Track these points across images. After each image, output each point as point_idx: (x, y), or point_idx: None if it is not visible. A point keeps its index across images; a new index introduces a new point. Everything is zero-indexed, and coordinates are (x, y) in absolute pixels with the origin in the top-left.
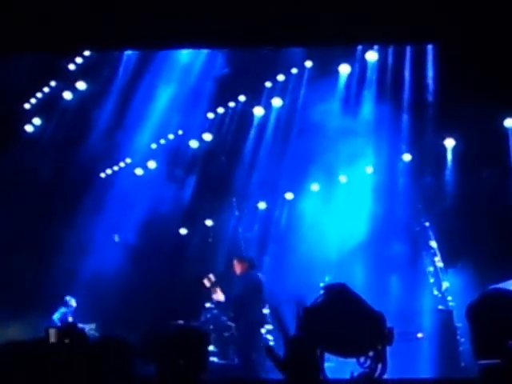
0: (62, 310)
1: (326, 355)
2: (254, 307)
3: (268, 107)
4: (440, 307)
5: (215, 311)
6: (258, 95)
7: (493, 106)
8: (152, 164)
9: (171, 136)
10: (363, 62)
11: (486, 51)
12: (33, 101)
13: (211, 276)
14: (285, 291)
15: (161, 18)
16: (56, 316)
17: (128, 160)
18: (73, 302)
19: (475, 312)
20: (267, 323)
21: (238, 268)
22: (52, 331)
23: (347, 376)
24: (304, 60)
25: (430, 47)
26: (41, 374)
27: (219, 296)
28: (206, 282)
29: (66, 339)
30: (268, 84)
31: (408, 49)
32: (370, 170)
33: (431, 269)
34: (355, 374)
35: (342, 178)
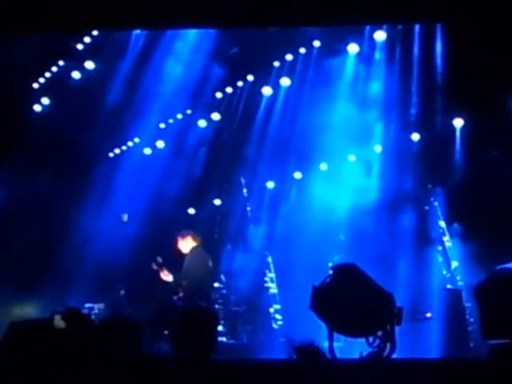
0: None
1: (335, 335)
2: (205, 283)
3: (276, 87)
4: (449, 286)
5: (224, 291)
6: (266, 75)
7: (502, 86)
8: (160, 143)
9: (180, 116)
10: (372, 41)
11: (496, 31)
12: (41, 80)
13: (159, 258)
14: (294, 271)
15: None
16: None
17: (136, 139)
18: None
19: (483, 292)
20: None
21: (183, 245)
22: (57, 318)
23: (356, 355)
24: (312, 40)
25: (438, 26)
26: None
27: (168, 277)
28: (154, 266)
29: (70, 324)
30: (276, 63)
31: (417, 28)
32: (378, 148)
33: (440, 248)
34: (364, 353)
35: (351, 157)
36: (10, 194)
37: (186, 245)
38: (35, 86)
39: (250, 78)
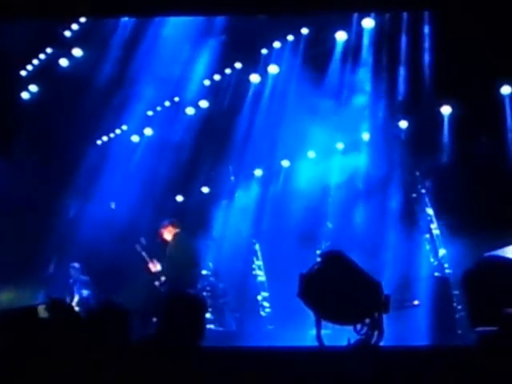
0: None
1: (323, 323)
2: (186, 269)
3: (264, 74)
4: (436, 274)
5: (212, 278)
6: (254, 62)
7: (489, 73)
8: (148, 131)
9: (167, 103)
10: (359, 28)
11: (483, 18)
12: (29, 68)
13: (142, 240)
14: (282, 259)
15: None
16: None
17: (124, 127)
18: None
19: (471, 279)
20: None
21: (166, 234)
22: (41, 308)
23: (344, 343)
24: (300, 27)
25: (426, 13)
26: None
27: (157, 267)
28: (138, 247)
29: (54, 315)
30: (264, 51)
31: (404, 15)
32: (366, 136)
33: (427, 236)
34: (352, 340)
35: (339, 145)
36: None
37: (169, 233)
38: (23, 73)
39: (238, 65)
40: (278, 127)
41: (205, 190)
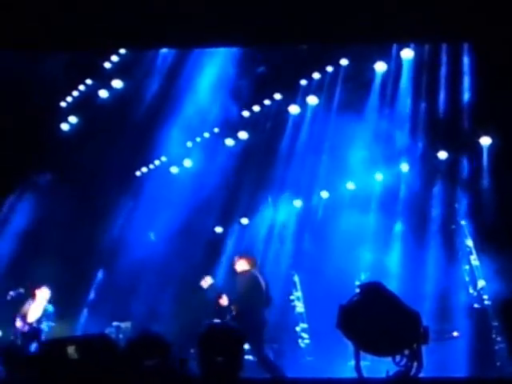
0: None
1: (362, 354)
2: (255, 307)
3: (303, 105)
4: (475, 306)
5: None
6: (293, 93)
7: None
8: (188, 162)
9: (207, 134)
10: (399, 59)
11: None
12: (69, 99)
13: (208, 278)
14: (321, 290)
15: (191, 18)
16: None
17: (164, 158)
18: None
19: (509, 310)
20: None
21: (238, 266)
22: (71, 348)
23: (383, 375)
24: (340, 58)
25: (465, 45)
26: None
27: (225, 301)
28: (203, 284)
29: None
30: (303, 82)
31: (444, 46)
32: (405, 167)
33: (467, 267)
34: (391, 372)
35: (378, 176)
36: (39, 211)
37: (239, 266)
38: (63, 104)
39: (278, 96)
40: (317, 158)
41: (244, 221)
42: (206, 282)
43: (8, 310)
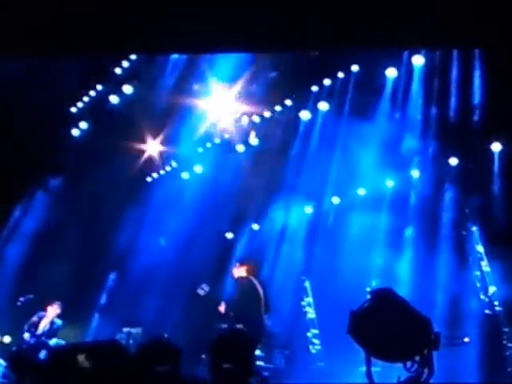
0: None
1: (373, 360)
2: (252, 313)
3: (314, 111)
4: (486, 312)
5: None
6: (304, 99)
7: None
8: (198, 168)
9: (217, 140)
10: (409, 65)
11: None
12: (79, 105)
13: (205, 286)
14: (332, 296)
15: (203, 23)
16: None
17: (174, 164)
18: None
19: None
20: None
21: (236, 272)
22: (81, 357)
23: (394, 380)
24: (350, 64)
25: (476, 50)
26: None
27: (222, 308)
28: (200, 292)
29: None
30: (314, 88)
31: (455, 52)
32: (416, 173)
33: (478, 273)
34: (402, 378)
35: (389, 182)
36: (50, 217)
37: (237, 273)
38: (73, 110)
39: (288, 102)
40: (328, 164)
41: (255, 227)
42: (203, 289)
43: (18, 316)
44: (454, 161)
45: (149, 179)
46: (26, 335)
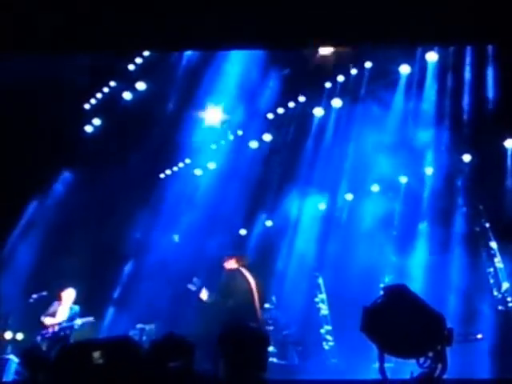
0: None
1: (386, 356)
2: (239, 303)
3: (328, 108)
4: (500, 308)
5: (274, 312)
6: (317, 96)
7: None
8: (212, 165)
9: (231, 137)
10: (423, 62)
11: None
12: (93, 101)
13: (195, 280)
14: (345, 292)
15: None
16: None
17: (187, 161)
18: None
19: None
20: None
21: (227, 264)
22: (96, 354)
23: (407, 376)
24: (364, 61)
25: (490, 46)
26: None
27: (204, 295)
28: (191, 287)
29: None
30: (328, 84)
31: (468, 49)
32: (429, 170)
33: (491, 270)
34: (415, 374)
35: (402, 179)
36: (62, 214)
37: (228, 264)
38: (86, 106)
39: (302, 98)
40: (341, 161)
41: (268, 223)
42: (194, 284)
43: (31, 314)
44: (467, 157)
45: (162, 176)
46: (48, 321)
